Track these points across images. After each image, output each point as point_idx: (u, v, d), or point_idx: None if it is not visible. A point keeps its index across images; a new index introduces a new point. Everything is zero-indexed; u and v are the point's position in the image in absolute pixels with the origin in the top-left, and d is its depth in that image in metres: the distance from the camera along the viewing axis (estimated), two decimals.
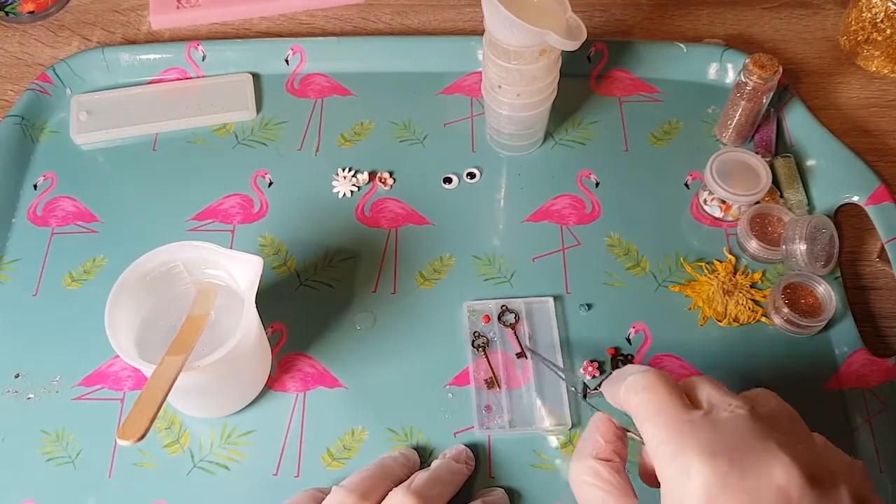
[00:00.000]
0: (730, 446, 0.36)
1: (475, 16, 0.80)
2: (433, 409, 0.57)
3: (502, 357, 0.59)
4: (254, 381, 0.57)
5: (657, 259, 0.64)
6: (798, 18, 0.80)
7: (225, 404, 0.56)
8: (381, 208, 0.67)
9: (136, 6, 0.81)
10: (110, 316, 0.49)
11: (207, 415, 0.57)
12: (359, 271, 0.63)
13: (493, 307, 0.61)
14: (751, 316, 0.60)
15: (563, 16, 0.58)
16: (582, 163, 0.69)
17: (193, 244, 0.52)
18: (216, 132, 0.71)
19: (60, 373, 0.59)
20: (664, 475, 0.37)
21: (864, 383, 0.57)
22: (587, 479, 0.42)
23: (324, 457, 0.55)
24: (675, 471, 0.36)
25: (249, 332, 0.50)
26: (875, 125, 0.72)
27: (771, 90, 0.64)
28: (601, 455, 0.43)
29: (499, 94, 0.63)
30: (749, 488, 0.34)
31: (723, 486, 0.34)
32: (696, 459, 0.35)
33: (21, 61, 0.77)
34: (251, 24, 0.80)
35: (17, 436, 0.56)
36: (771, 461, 0.35)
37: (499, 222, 0.66)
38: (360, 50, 0.75)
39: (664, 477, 0.37)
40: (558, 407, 0.56)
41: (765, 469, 0.35)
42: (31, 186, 0.68)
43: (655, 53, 0.74)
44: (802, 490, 0.34)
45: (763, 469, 0.35)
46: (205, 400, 0.56)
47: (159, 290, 0.54)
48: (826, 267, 0.61)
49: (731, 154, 0.64)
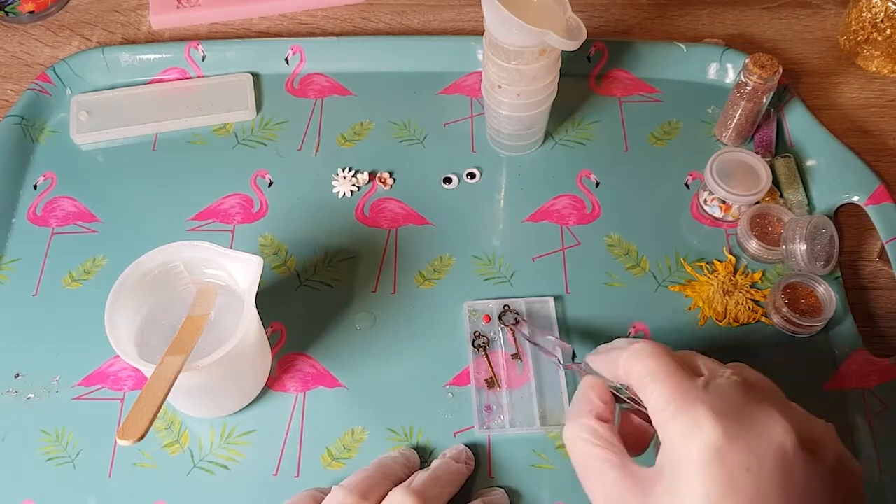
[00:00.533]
0: (732, 407, 0.38)
1: (475, 16, 0.80)
2: (433, 409, 0.57)
3: (503, 357, 0.59)
4: (254, 380, 0.57)
5: (657, 259, 0.64)
6: (798, 18, 0.80)
7: (225, 404, 0.56)
8: (381, 208, 0.67)
9: (136, 6, 0.81)
10: (110, 316, 0.49)
11: (207, 415, 0.57)
12: (359, 271, 0.63)
13: (493, 307, 0.61)
14: (751, 316, 0.60)
15: (563, 16, 0.58)
16: (582, 163, 0.69)
17: (193, 244, 0.52)
18: (216, 132, 0.71)
19: (60, 373, 0.59)
20: (668, 431, 0.39)
21: (864, 383, 0.57)
22: (586, 436, 0.43)
23: (324, 457, 0.55)
24: (681, 426, 0.38)
25: (249, 332, 0.50)
26: (875, 125, 0.72)
27: (771, 90, 0.64)
28: (598, 415, 0.44)
29: (499, 94, 0.63)
30: (752, 444, 0.37)
31: (730, 441, 0.37)
32: (704, 417, 0.38)
33: (21, 61, 0.77)
34: (251, 24, 0.80)
35: (17, 436, 0.56)
36: (770, 421, 0.38)
37: (499, 222, 0.66)
38: (360, 50, 0.75)
39: (668, 433, 0.39)
40: (559, 407, 0.57)
41: (765, 429, 0.38)
42: (31, 186, 0.68)
43: (655, 53, 0.74)
44: (796, 448, 0.37)
45: (763, 429, 0.38)
46: (205, 400, 0.56)
47: (159, 290, 0.54)
48: (826, 267, 0.61)
49: (731, 154, 0.64)
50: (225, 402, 0.56)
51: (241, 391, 0.56)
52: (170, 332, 0.53)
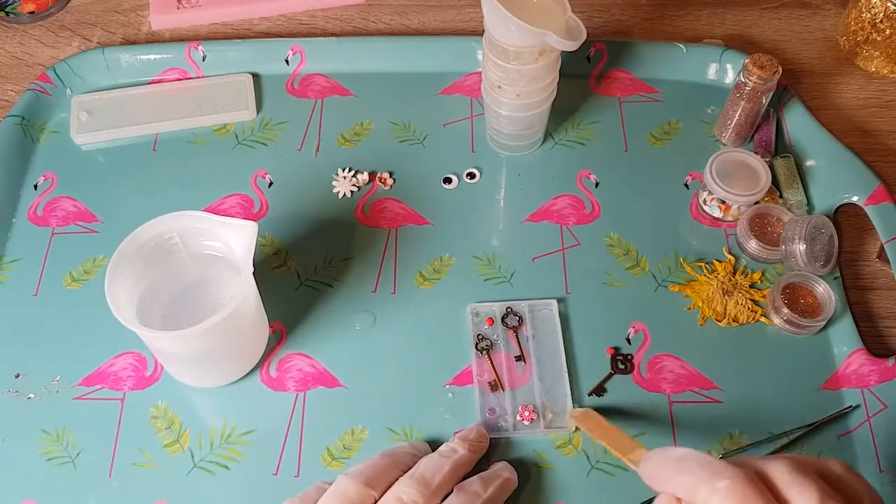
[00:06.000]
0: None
1: (475, 16, 0.80)
2: (433, 408, 0.57)
3: (506, 359, 0.59)
4: (253, 347, 0.58)
5: (657, 259, 0.64)
6: (798, 19, 0.80)
7: (226, 370, 0.57)
8: (381, 208, 0.67)
9: (137, 6, 0.81)
10: (110, 286, 0.50)
11: (207, 384, 0.58)
12: (359, 271, 0.63)
13: (497, 309, 0.61)
14: (750, 316, 0.61)
15: (563, 16, 0.58)
16: (582, 163, 0.69)
17: (187, 214, 0.53)
18: (216, 132, 0.71)
19: (61, 373, 0.59)
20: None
21: (864, 383, 0.58)
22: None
23: (324, 456, 0.55)
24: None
25: (248, 297, 0.51)
26: (874, 125, 0.72)
27: (770, 90, 0.64)
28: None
29: (498, 94, 0.63)
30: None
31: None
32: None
33: (21, 61, 0.77)
34: (251, 24, 0.80)
35: (18, 436, 0.56)
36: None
37: (499, 222, 0.66)
38: (360, 50, 0.75)
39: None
40: (562, 409, 0.57)
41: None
42: (32, 186, 0.68)
43: (655, 54, 0.74)
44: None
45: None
46: (205, 366, 0.56)
47: (156, 263, 0.55)
48: (825, 267, 0.61)
49: (731, 154, 0.64)
50: (225, 369, 0.57)
51: (241, 358, 0.57)
52: (168, 304, 0.55)
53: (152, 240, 0.54)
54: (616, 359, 0.59)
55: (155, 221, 0.53)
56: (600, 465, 0.55)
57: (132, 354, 0.59)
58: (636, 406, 0.57)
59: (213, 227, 0.53)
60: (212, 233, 0.54)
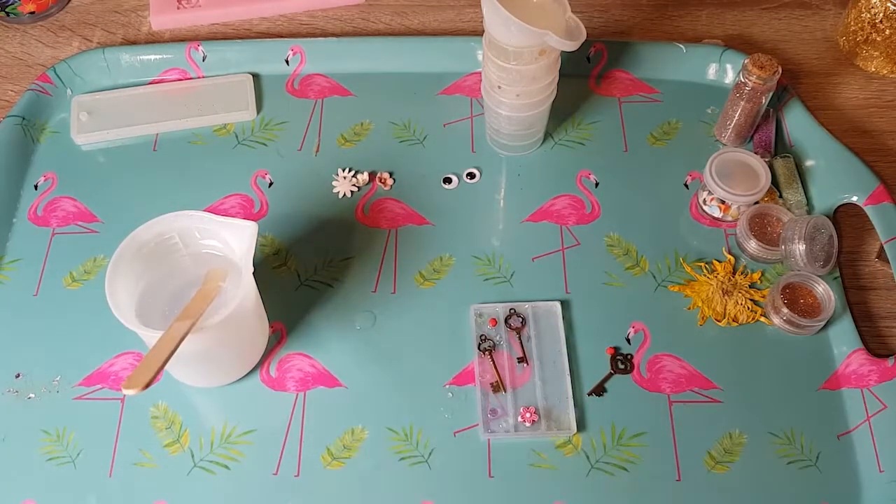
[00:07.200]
0: None
1: (475, 16, 0.80)
2: (433, 408, 0.57)
3: (508, 360, 0.59)
4: (252, 348, 0.58)
5: (657, 259, 0.64)
6: (797, 19, 0.80)
7: (226, 371, 0.57)
8: (381, 208, 0.67)
9: (137, 7, 0.81)
10: (111, 286, 0.50)
11: (209, 383, 0.58)
12: (359, 271, 0.63)
13: (500, 310, 0.61)
14: (750, 316, 0.61)
15: (563, 16, 0.58)
16: (582, 163, 0.69)
17: (187, 214, 0.53)
18: (216, 132, 0.71)
19: (61, 373, 0.59)
20: None
21: (863, 383, 0.58)
22: None
23: (324, 456, 0.55)
24: None
25: (248, 296, 0.51)
26: (874, 125, 0.72)
27: (770, 90, 0.64)
28: None
29: (498, 94, 0.63)
30: None
31: None
32: None
33: (21, 62, 0.77)
34: (251, 24, 0.80)
35: (18, 436, 0.56)
36: None
37: (499, 222, 0.66)
38: (360, 50, 0.75)
39: None
40: (563, 411, 0.57)
41: None
42: (32, 186, 0.68)
43: (655, 54, 0.74)
44: None
45: None
46: (206, 366, 0.56)
47: (156, 263, 0.55)
48: (825, 267, 0.61)
49: (731, 154, 0.64)
50: (226, 369, 0.57)
51: (241, 358, 0.57)
52: (168, 304, 0.55)
53: (152, 240, 0.54)
54: (616, 358, 0.59)
55: (155, 221, 0.53)
56: (600, 465, 0.55)
57: (132, 354, 0.59)
58: (636, 406, 0.57)
59: (214, 227, 0.53)
60: (212, 233, 0.54)
